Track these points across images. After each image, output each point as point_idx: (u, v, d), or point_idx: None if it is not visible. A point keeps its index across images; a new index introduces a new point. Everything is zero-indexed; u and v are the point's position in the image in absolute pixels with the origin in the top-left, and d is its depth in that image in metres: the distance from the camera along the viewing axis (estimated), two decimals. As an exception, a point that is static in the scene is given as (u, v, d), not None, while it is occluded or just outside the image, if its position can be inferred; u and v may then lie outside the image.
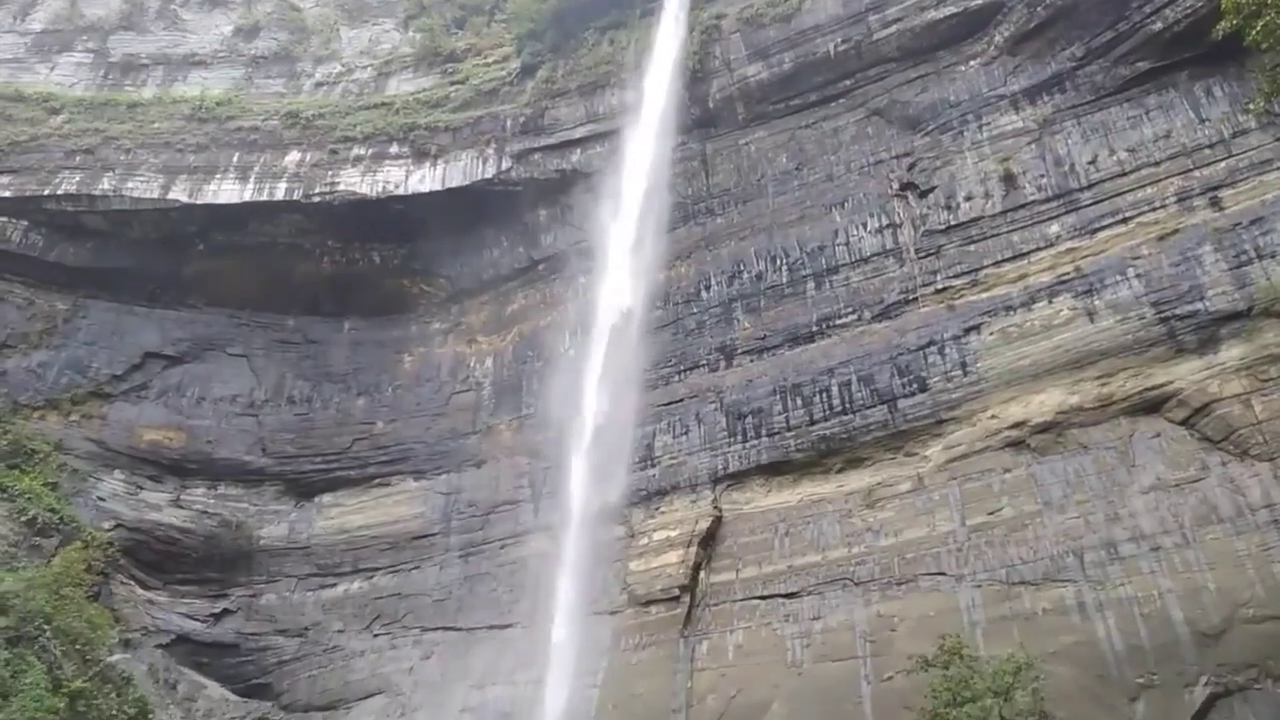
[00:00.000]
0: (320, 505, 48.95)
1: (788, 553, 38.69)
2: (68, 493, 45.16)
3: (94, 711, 35.54)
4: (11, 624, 34.58)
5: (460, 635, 43.25)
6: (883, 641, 34.45)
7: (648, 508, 42.93)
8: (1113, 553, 32.46)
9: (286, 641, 46.26)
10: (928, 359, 39.58)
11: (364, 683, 43.99)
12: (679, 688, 36.77)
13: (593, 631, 39.67)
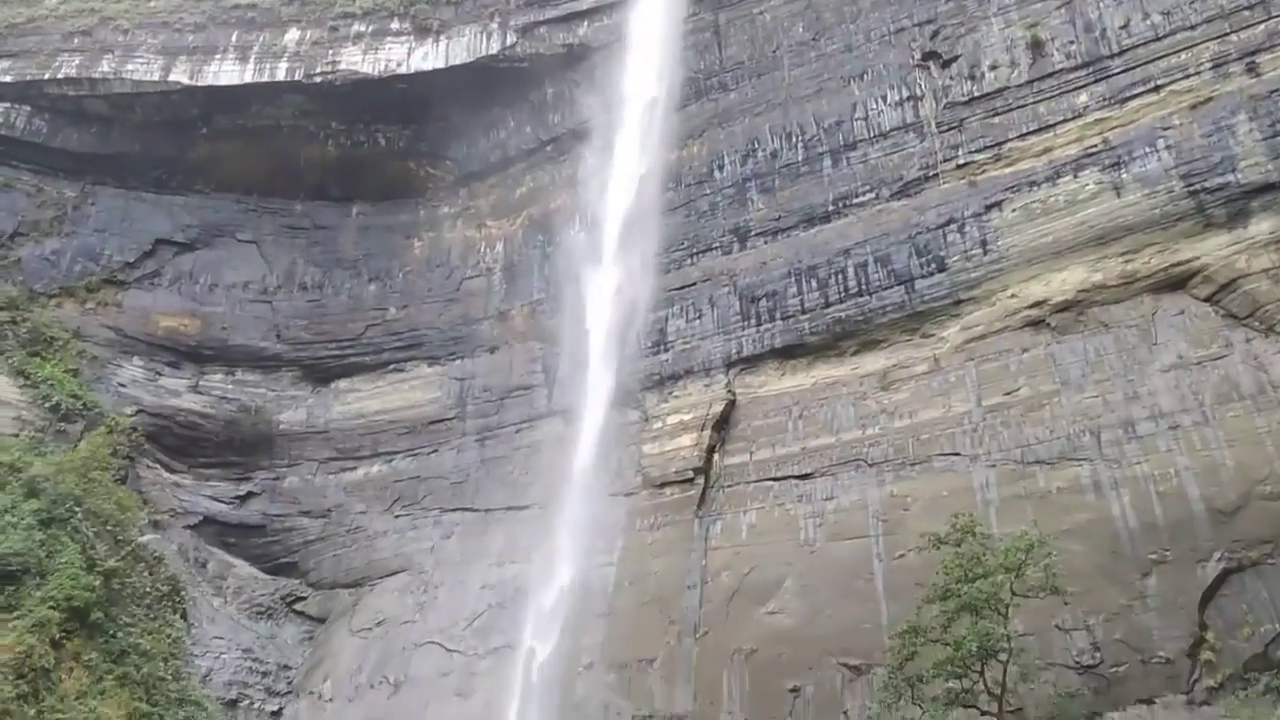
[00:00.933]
0: (337, 391, 49.39)
1: (801, 435, 38.90)
2: (89, 379, 45.64)
3: (128, 589, 36.66)
4: (43, 506, 35.36)
5: (478, 516, 44.09)
6: (895, 521, 34.87)
7: (661, 392, 43.08)
8: (1130, 431, 32.46)
9: (310, 522, 47.40)
10: (947, 238, 38.93)
11: (387, 561, 45.20)
12: (694, 565, 37.51)
13: (608, 512, 40.31)
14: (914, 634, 27.60)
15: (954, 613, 26.73)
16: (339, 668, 41.45)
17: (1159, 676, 28.72)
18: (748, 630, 34.96)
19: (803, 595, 34.93)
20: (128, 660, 34.28)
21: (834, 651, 33.13)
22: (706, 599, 36.48)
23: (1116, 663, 29.31)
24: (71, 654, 32.60)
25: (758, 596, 35.58)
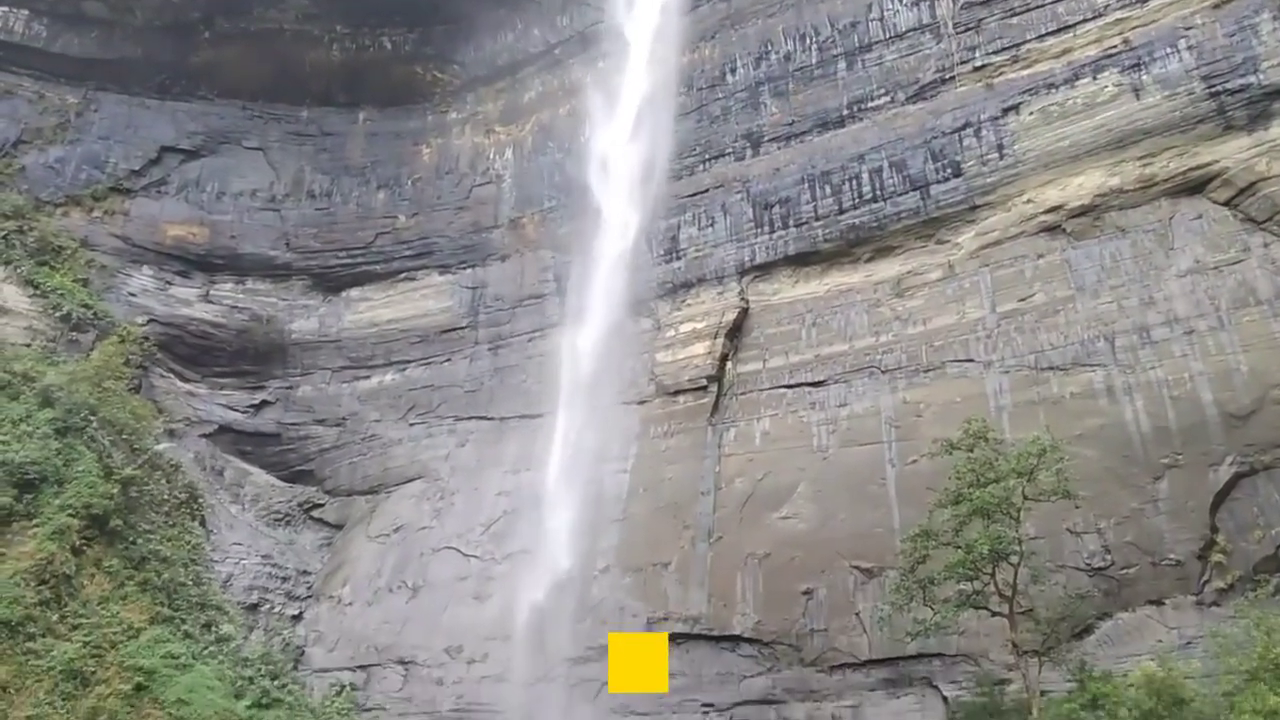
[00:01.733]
0: (348, 300, 49.26)
1: (814, 342, 38.90)
2: (99, 289, 45.55)
3: (146, 497, 37.15)
4: (59, 415, 35.61)
5: (493, 424, 44.37)
6: (908, 427, 35.08)
7: (674, 300, 42.95)
8: (1145, 337, 32.48)
9: (325, 431, 47.76)
10: (963, 142, 38.32)
11: (403, 468, 45.65)
12: (707, 472, 37.87)
13: (621, 420, 40.57)
14: (926, 537, 27.98)
15: (966, 517, 27.03)
16: (358, 572, 42.20)
17: (1169, 578, 29.22)
18: (761, 535, 35.49)
19: (816, 500, 35.34)
20: (148, 566, 34.92)
21: (846, 555, 33.69)
22: (720, 504, 36.94)
23: (1127, 565, 29.79)
24: (92, 560, 33.18)
25: (771, 502, 36.01)
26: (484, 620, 37.74)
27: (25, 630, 29.41)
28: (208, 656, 33.46)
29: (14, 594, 29.74)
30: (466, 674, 37.04)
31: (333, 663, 39.36)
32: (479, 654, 37.18)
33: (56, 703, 28.55)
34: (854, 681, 32.14)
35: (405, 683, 37.89)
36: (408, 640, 38.93)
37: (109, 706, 29.38)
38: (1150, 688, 24.77)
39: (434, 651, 38.11)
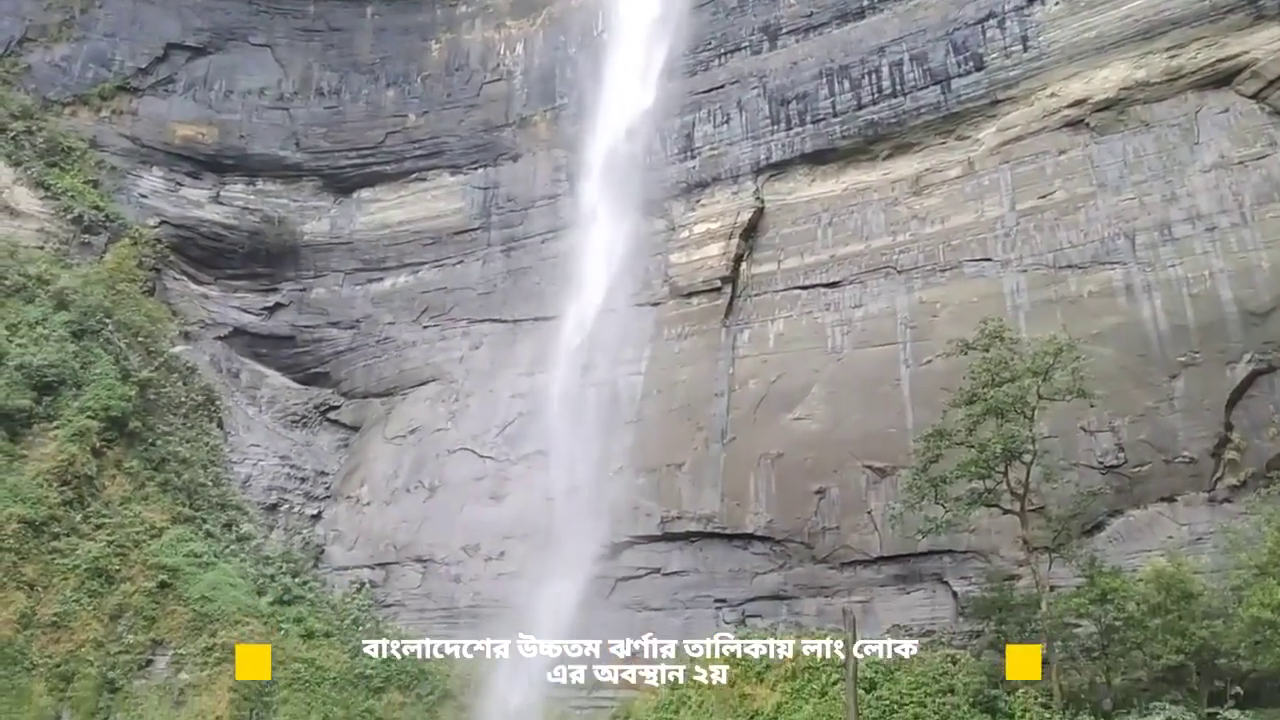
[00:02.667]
0: (360, 201, 48.73)
1: (830, 242, 38.44)
2: (109, 190, 45.25)
3: (164, 399, 37.57)
4: (74, 318, 35.80)
5: (506, 327, 44.32)
6: (923, 327, 34.85)
7: (688, 200, 42.36)
8: (1166, 234, 31.99)
9: (340, 333, 47.85)
10: (986, 34, 37.13)
11: (418, 371, 45.80)
12: (721, 374, 37.87)
13: (635, 322, 40.40)
14: (939, 437, 28.03)
15: (980, 416, 27.02)
16: (375, 473, 42.75)
17: (1182, 475, 29.30)
18: (774, 435, 35.63)
19: (829, 401, 35.36)
20: (168, 467, 35.52)
21: (859, 455, 33.85)
22: (734, 406, 37.02)
23: (1140, 463, 29.86)
24: (113, 462, 33.75)
25: (785, 403, 36.05)
26: (500, 519, 38.27)
27: (50, 530, 30.07)
28: (229, 555, 34.22)
29: (37, 494, 30.35)
30: (484, 571, 37.77)
31: (352, 561, 40.18)
32: (496, 552, 37.84)
33: (83, 599, 29.34)
34: (865, 577, 32.64)
35: (424, 580, 38.71)
36: (425, 539, 39.63)
37: (134, 603, 30.21)
38: (1159, 582, 25.05)
39: (451, 550, 38.81)
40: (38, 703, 26.59)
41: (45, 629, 28.05)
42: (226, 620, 30.96)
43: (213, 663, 29.70)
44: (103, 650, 28.67)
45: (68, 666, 27.75)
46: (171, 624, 30.42)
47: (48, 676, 27.26)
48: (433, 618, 37.20)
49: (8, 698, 26.22)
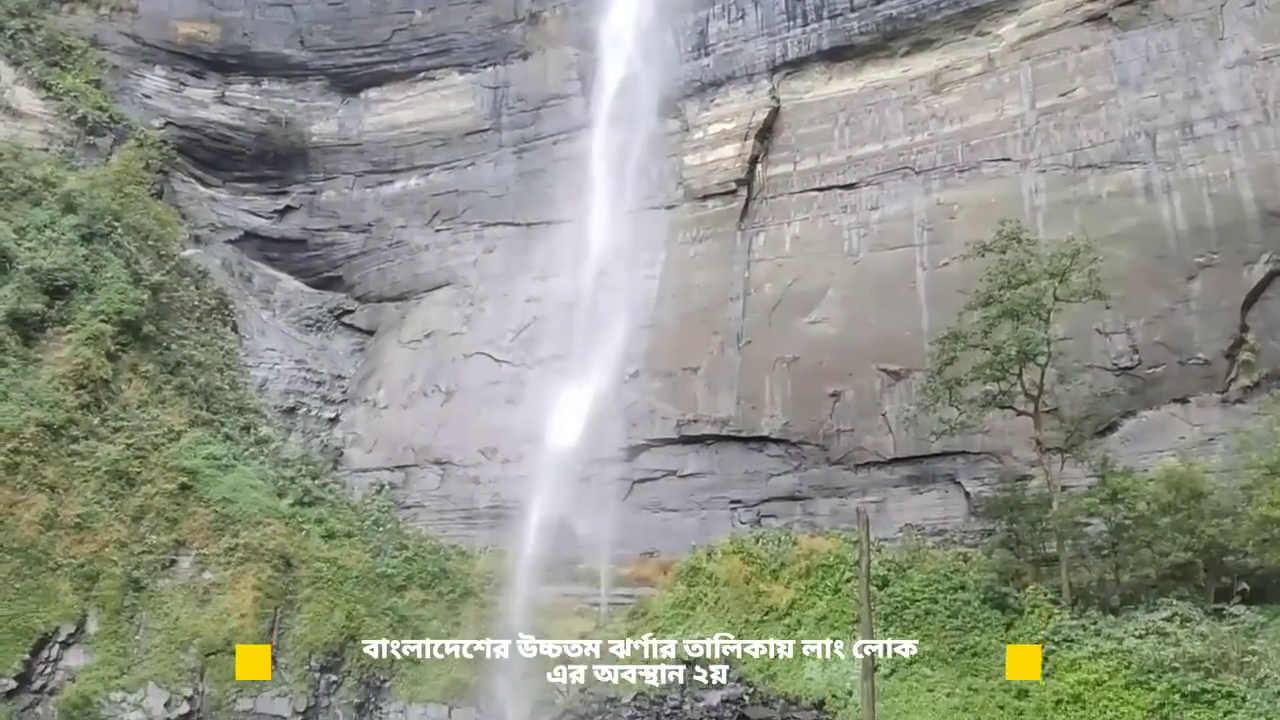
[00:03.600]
0: (367, 101, 47.80)
1: (847, 143, 37.87)
2: (112, 91, 44.50)
3: (176, 303, 37.51)
4: (82, 221, 35.49)
5: (519, 230, 44.00)
6: (941, 229, 34.60)
7: (702, 100, 41.56)
8: (1187, 132, 31.55)
9: (351, 237, 47.57)
10: (1008, -77, 35.99)
11: (431, 275, 45.67)
12: (736, 278, 37.74)
13: (649, 226, 40.08)
14: (954, 340, 28.09)
15: (995, 318, 27.04)
16: (391, 377, 42.99)
17: (1195, 377, 29.45)
18: (790, 339, 35.71)
19: (845, 305, 35.32)
20: (184, 371, 35.55)
21: (874, 358, 33.98)
22: (749, 310, 37.01)
23: (1154, 364, 29.97)
24: (128, 366, 33.76)
25: (800, 307, 36.03)
26: (516, 423, 38.53)
27: (68, 433, 30.18)
28: (248, 458, 34.42)
29: (54, 398, 30.38)
30: (501, 474, 38.26)
31: (371, 463, 40.71)
32: (513, 455, 38.22)
33: (105, 501, 29.62)
34: (878, 478, 33.07)
35: (442, 482, 39.29)
36: (443, 442, 40.07)
37: (156, 504, 30.49)
38: (1170, 481, 25.35)
39: (469, 453, 39.27)
40: (64, 601, 27.04)
41: (68, 530, 28.34)
42: (248, 521, 31.26)
43: (235, 562, 30.08)
44: (126, 551, 28.99)
45: (92, 566, 28.11)
46: (193, 525, 30.74)
47: (73, 576, 27.63)
48: (452, 518, 37.90)
49: (34, 596, 26.67)
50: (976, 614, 26.74)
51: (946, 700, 24.05)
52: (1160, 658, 22.18)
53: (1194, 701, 21.04)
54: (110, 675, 26.26)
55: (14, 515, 27.60)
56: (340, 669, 29.57)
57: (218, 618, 28.64)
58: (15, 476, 28.25)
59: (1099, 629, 24.14)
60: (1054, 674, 23.64)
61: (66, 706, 25.08)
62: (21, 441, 28.80)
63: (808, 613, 29.07)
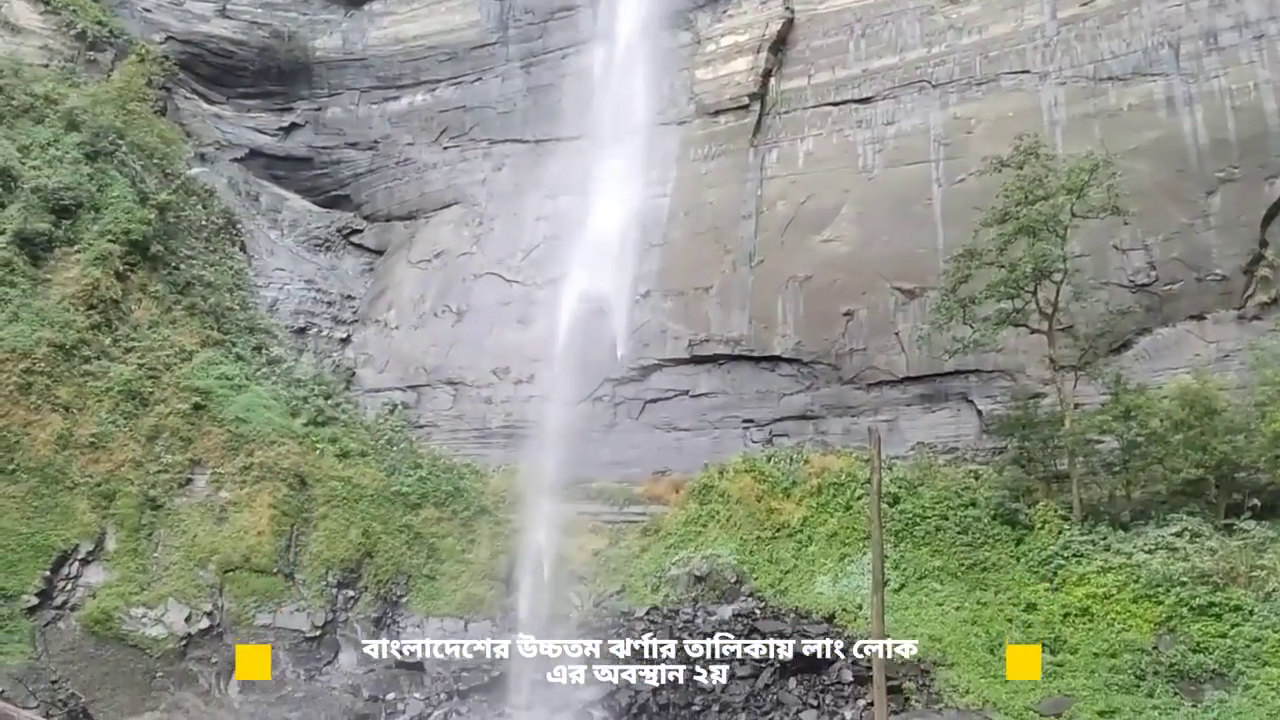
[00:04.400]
0: (371, 14, 46.63)
1: (863, 55, 36.99)
2: (111, 4, 43.54)
3: (184, 223, 37.23)
4: (86, 139, 35.04)
5: (528, 148, 43.28)
6: (957, 144, 33.99)
7: (714, 11, 40.47)
8: (1211, 43, 30.85)
9: (358, 155, 46.90)
10: None
11: (440, 194, 45.08)
12: (749, 195, 37.21)
13: (660, 142, 39.44)
14: (969, 257, 27.90)
15: (1011, 235, 26.84)
16: (402, 297, 42.77)
17: (1213, 293, 29.21)
18: (803, 258, 35.34)
19: (859, 222, 34.89)
20: (193, 291, 35.46)
21: (888, 276, 33.68)
22: (762, 228, 36.56)
23: (1171, 280, 29.71)
24: (138, 286, 33.65)
25: (813, 224, 35.59)
26: (528, 343, 38.46)
27: (80, 353, 30.19)
28: (261, 378, 34.52)
29: (64, 319, 30.32)
30: (514, 394, 38.29)
31: (383, 383, 40.73)
32: (525, 375, 38.24)
33: (119, 421, 29.76)
34: (890, 397, 33.05)
35: (455, 402, 39.33)
36: (455, 362, 40.02)
37: (170, 424, 30.64)
38: (1183, 398, 25.35)
39: (481, 373, 39.24)
40: (82, 519, 27.29)
41: (84, 449, 28.47)
42: (262, 441, 31.45)
43: (251, 481, 30.33)
44: (142, 470, 29.17)
45: (109, 485, 28.31)
46: (208, 444, 30.93)
47: (90, 495, 27.83)
48: (465, 438, 38.04)
49: (53, 515, 26.91)
50: (987, 530, 27.04)
51: (956, 613, 24.40)
52: (1169, 572, 22.43)
53: (1201, 615, 21.31)
54: (130, 591, 26.64)
55: (29, 435, 27.71)
56: (357, 584, 30.08)
57: (235, 535, 29.03)
58: (29, 397, 28.30)
59: (1108, 544, 24.38)
60: (1063, 588, 23.98)
61: (88, 621, 25.48)
62: (34, 362, 28.80)
63: (819, 529, 29.40)
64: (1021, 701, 19.90)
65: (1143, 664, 20.39)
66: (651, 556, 30.76)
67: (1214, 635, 20.58)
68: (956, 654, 22.37)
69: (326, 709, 25.26)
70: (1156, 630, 21.39)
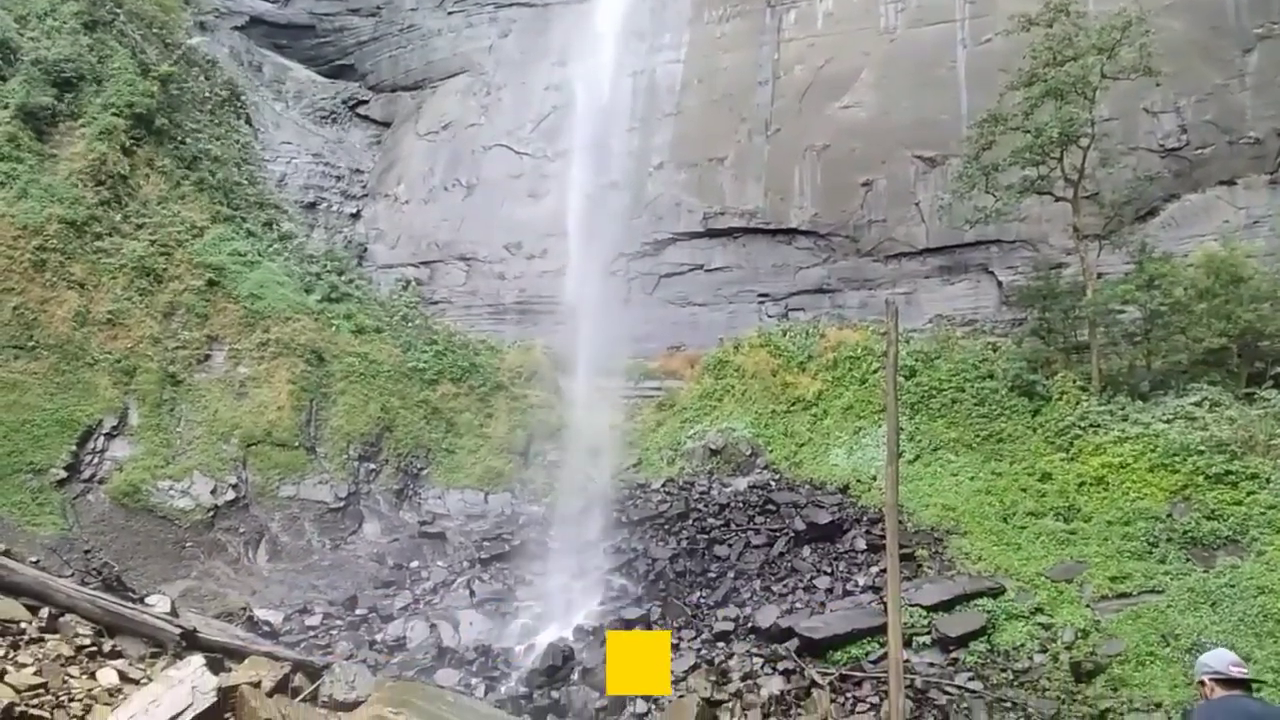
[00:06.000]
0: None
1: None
2: None
3: (187, 94, 36.40)
4: (83, 8, 33.94)
5: (535, 11, 41.78)
6: (983, 2, 32.63)
7: None
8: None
9: (361, 21, 45.40)
10: None
11: (445, 62, 43.79)
12: (765, 60, 35.99)
13: (672, 4, 37.99)
14: (994, 122, 27.11)
15: (1038, 99, 25.96)
16: (410, 170, 42.05)
17: (1244, 157, 28.38)
18: (820, 126, 34.40)
19: (879, 87, 33.77)
20: (200, 165, 34.98)
21: (909, 144, 32.79)
22: (778, 95, 35.48)
23: (1202, 144, 28.84)
24: (144, 160, 33.21)
25: (832, 90, 34.50)
26: (540, 217, 37.97)
27: (91, 230, 30.02)
28: (273, 254, 34.35)
29: (73, 194, 30.03)
30: (527, 269, 37.99)
31: (395, 259, 40.44)
32: (538, 250, 37.85)
33: (134, 297, 29.76)
34: (909, 269, 32.60)
35: (468, 277, 39.07)
36: (466, 237, 39.59)
37: (185, 301, 30.65)
38: (1209, 266, 24.84)
39: (493, 248, 38.85)
40: (104, 395, 27.54)
41: (101, 326, 28.60)
42: (277, 316, 31.50)
43: (268, 357, 30.52)
44: (160, 346, 29.31)
45: (128, 361, 28.49)
46: (224, 321, 31.00)
47: (111, 371, 28.02)
48: (479, 314, 37.93)
49: (75, 391, 27.16)
50: (1004, 401, 26.92)
51: (970, 484, 24.49)
52: (1187, 441, 22.29)
53: (1217, 483, 21.24)
54: (156, 465, 27.04)
55: (47, 312, 27.81)
56: (378, 458, 30.53)
57: (255, 410, 29.32)
58: (44, 274, 28.26)
59: (1126, 414, 24.23)
60: (1079, 458, 23.93)
61: (117, 494, 25.95)
62: (46, 239, 28.66)
63: (834, 403, 29.39)
64: (1033, 568, 20.10)
65: (1156, 531, 20.45)
66: (667, 431, 30.96)
67: (1229, 503, 20.57)
68: (970, 523, 22.54)
69: (353, 576, 25.85)
70: (1171, 498, 21.37)
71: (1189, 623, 17.02)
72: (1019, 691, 16.18)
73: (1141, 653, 16.48)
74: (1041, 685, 16.30)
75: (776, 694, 16.34)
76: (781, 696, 16.32)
